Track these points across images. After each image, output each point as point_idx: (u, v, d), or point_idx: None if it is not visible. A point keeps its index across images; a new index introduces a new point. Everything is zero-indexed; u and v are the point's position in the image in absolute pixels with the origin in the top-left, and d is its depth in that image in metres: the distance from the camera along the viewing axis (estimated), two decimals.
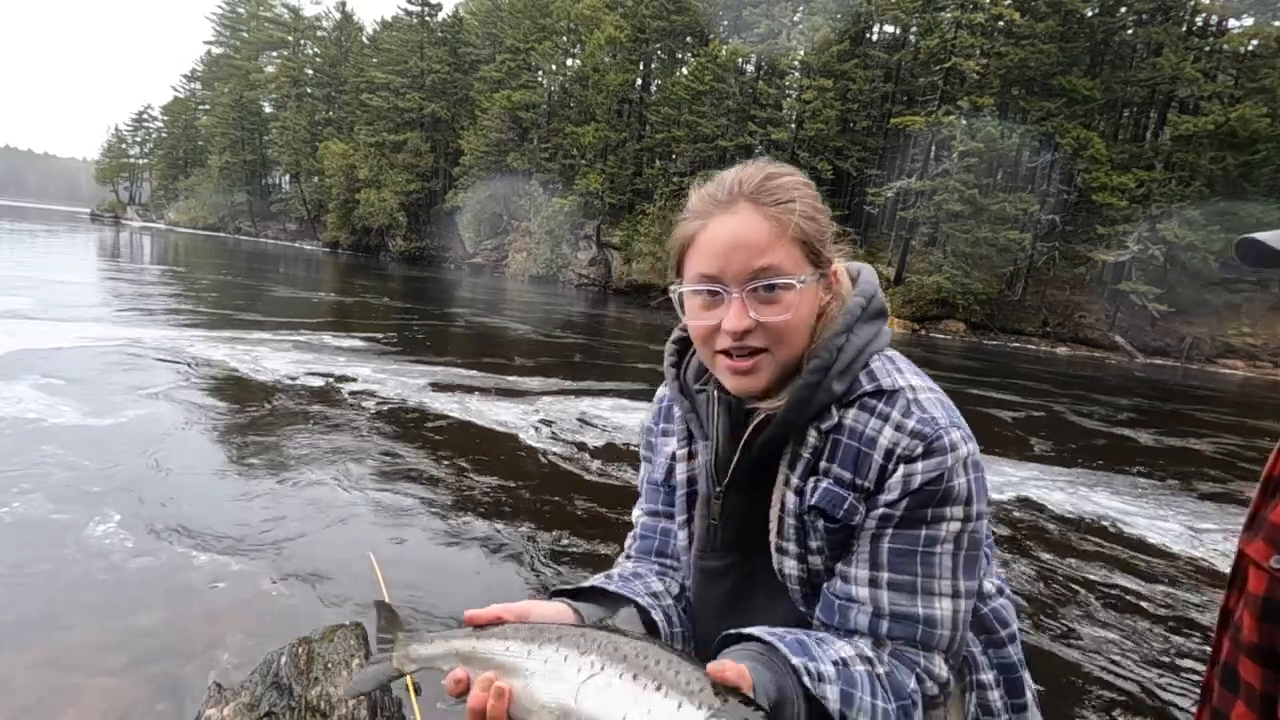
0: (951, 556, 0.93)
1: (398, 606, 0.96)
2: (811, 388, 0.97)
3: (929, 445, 0.92)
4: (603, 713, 0.76)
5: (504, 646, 0.86)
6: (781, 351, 0.98)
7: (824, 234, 1.00)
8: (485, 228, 45.14)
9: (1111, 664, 3.82)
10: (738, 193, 0.97)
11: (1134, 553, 5.62)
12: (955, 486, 0.92)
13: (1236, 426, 12.60)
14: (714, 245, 0.96)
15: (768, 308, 0.95)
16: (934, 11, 31.14)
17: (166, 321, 12.76)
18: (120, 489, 4.93)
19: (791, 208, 0.96)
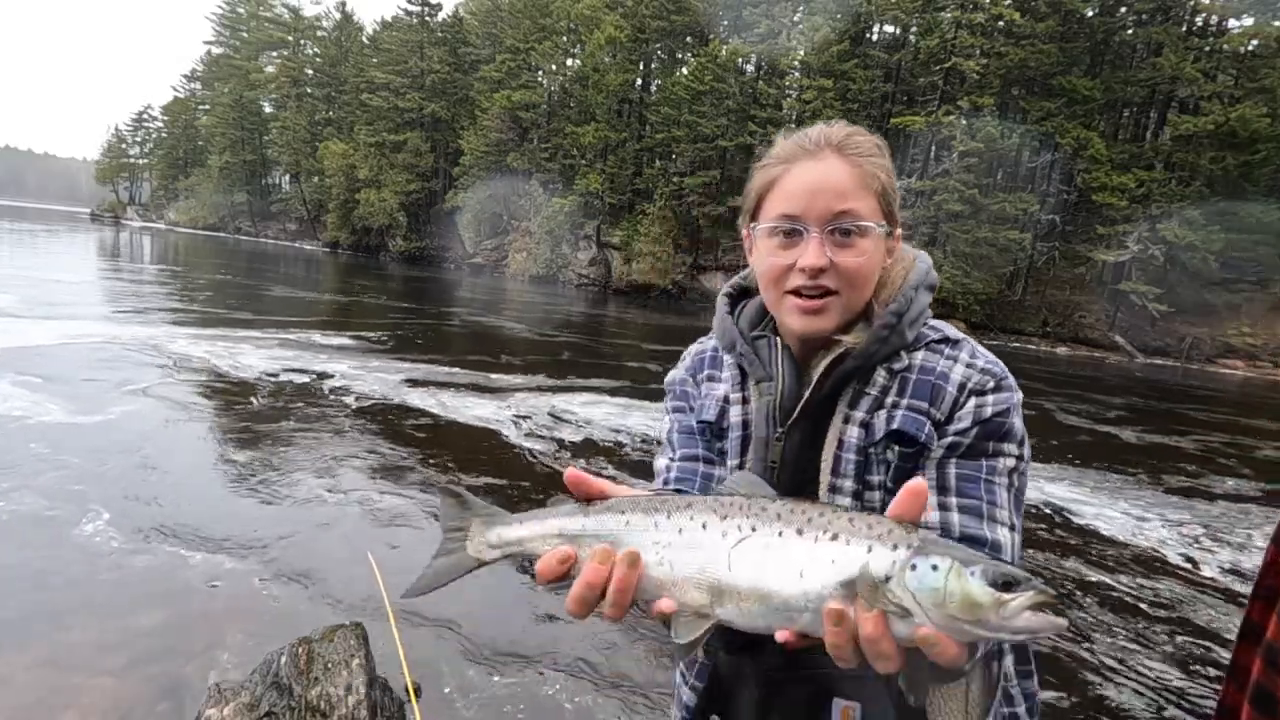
0: (1008, 490, 0.97)
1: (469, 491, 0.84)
2: (890, 328, 1.03)
3: (998, 382, 1.00)
4: (770, 577, 0.66)
5: (623, 520, 0.74)
6: (850, 295, 1.02)
7: (896, 195, 1.07)
8: (485, 228, 45.12)
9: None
10: (824, 143, 1.03)
11: (1084, 539, 5.68)
12: (1015, 425, 0.99)
13: (1225, 425, 12.60)
14: (797, 187, 1.02)
15: (844, 250, 1.00)
16: (934, 11, 31.13)
17: (155, 319, 12.77)
18: (112, 488, 4.93)
19: (875, 162, 1.03)
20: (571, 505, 0.79)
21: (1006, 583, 0.60)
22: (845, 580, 0.63)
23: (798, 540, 0.66)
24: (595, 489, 0.78)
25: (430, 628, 3.60)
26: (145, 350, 9.55)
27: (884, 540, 0.64)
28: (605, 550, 0.71)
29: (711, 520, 0.70)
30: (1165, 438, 10.77)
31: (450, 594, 4.00)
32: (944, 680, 0.69)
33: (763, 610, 0.68)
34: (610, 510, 0.75)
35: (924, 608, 0.60)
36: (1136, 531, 6.07)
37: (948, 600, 0.60)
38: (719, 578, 0.69)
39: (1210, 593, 4.95)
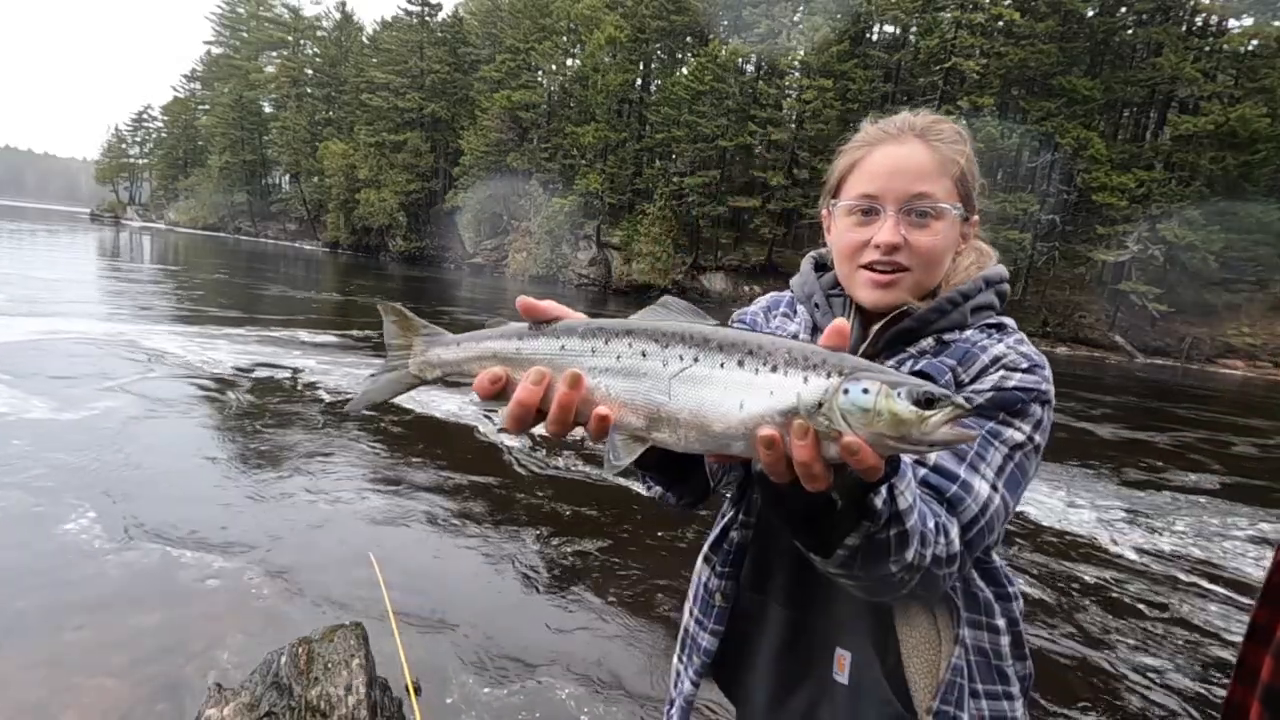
0: (1005, 458, 0.98)
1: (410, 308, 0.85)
2: (954, 302, 1.08)
3: (1032, 365, 1.02)
4: (710, 408, 0.67)
5: (558, 344, 0.74)
6: (921, 273, 1.07)
7: (975, 181, 1.11)
8: (485, 228, 45.12)
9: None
10: (907, 128, 1.09)
11: (1019, 525, 5.67)
12: (1034, 410, 1.00)
13: (1209, 422, 12.61)
14: (878, 168, 1.07)
15: (918, 231, 1.05)
16: (934, 11, 31.14)
17: (137, 317, 12.74)
18: (107, 487, 4.93)
19: (956, 148, 1.08)
20: (512, 327, 0.79)
21: (929, 400, 0.64)
22: (783, 409, 0.66)
23: (739, 372, 0.68)
24: (544, 313, 0.77)
25: (430, 627, 3.60)
26: (121, 346, 9.55)
27: (819, 369, 0.66)
28: (539, 372, 0.71)
29: (652, 349, 0.70)
30: (1144, 434, 10.80)
31: (450, 594, 4.00)
32: (866, 490, 0.74)
33: (700, 438, 0.69)
34: (546, 334, 0.75)
35: (854, 427, 0.64)
36: (1066, 519, 6.09)
37: (876, 419, 0.64)
38: (659, 405, 0.69)
39: (1178, 585, 4.96)
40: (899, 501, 0.79)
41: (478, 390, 0.75)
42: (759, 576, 1.16)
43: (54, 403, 6.71)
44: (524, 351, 0.75)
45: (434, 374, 0.84)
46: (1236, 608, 4.71)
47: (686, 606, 1.28)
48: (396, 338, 0.86)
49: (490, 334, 0.80)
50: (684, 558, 4.72)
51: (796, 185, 33.17)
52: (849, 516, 0.79)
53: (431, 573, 4.22)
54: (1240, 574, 5.35)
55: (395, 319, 0.86)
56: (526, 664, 3.40)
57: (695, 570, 1.27)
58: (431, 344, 0.84)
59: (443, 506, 5.23)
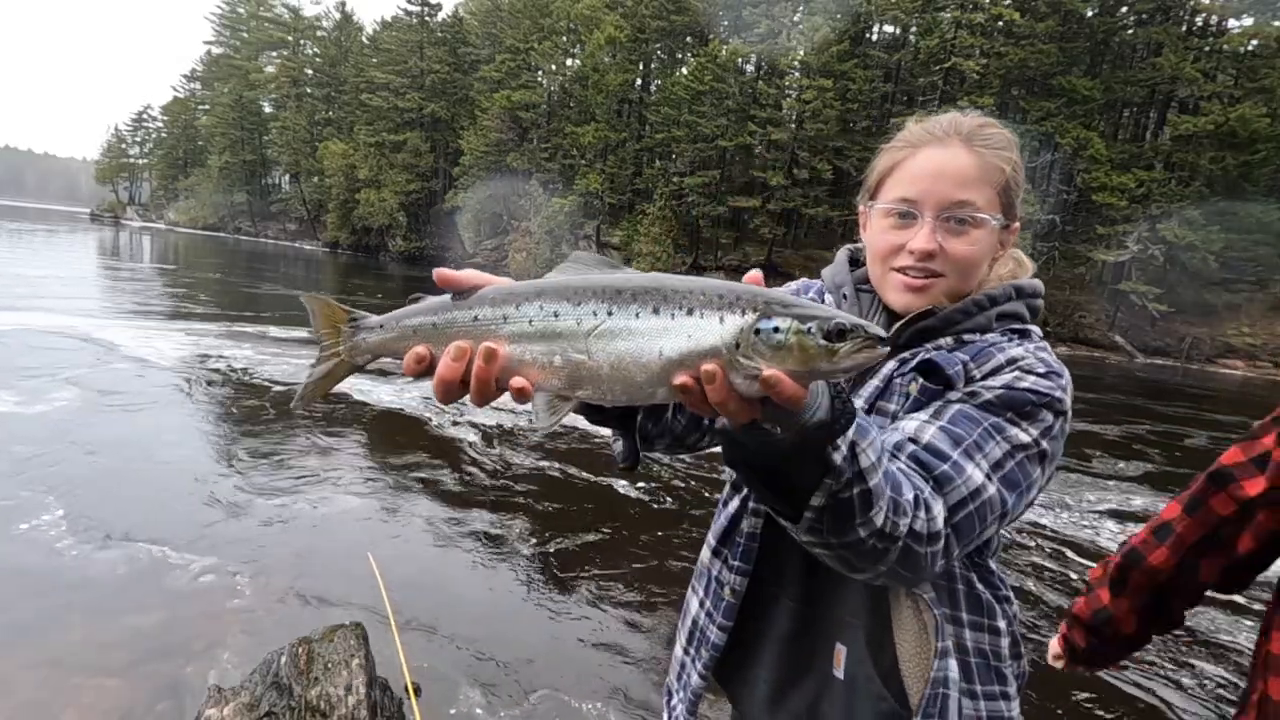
0: (1005, 454, 0.94)
1: (335, 299, 0.86)
2: (980, 305, 1.06)
3: (1049, 371, 0.99)
4: (629, 360, 0.68)
5: (471, 315, 0.74)
6: (955, 280, 1.06)
7: (1019, 189, 1.08)
8: (485, 228, 45.12)
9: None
10: (953, 131, 1.05)
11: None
12: (1044, 416, 0.96)
13: (1192, 420, 12.61)
14: (919, 172, 1.05)
15: (955, 238, 1.03)
16: (934, 11, 31.14)
17: (115, 312, 12.74)
18: (104, 486, 4.93)
19: (1003, 155, 1.05)
20: (431, 302, 0.79)
21: (840, 332, 0.65)
22: (702, 351, 0.66)
23: (654, 320, 0.68)
24: (459, 283, 0.77)
25: (430, 627, 3.60)
26: (97, 344, 9.55)
27: (733, 308, 0.67)
28: (458, 347, 0.71)
29: (564, 308, 0.70)
30: (1119, 429, 10.79)
31: (449, 594, 4.00)
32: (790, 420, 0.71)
33: (625, 390, 0.70)
34: (461, 307, 0.75)
35: (769, 362, 0.65)
36: (1074, 520, 6.09)
37: (787, 356, 0.65)
38: (578, 364, 0.69)
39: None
40: (860, 460, 0.78)
41: (405, 370, 0.76)
42: (772, 570, 1.15)
43: (20, 397, 6.71)
44: (440, 326, 0.76)
45: (364, 358, 0.85)
46: (1229, 606, 4.71)
47: (694, 596, 1.26)
48: (324, 328, 0.87)
49: (410, 312, 0.80)
50: (680, 553, 4.73)
51: (796, 185, 33.16)
52: (811, 470, 0.78)
53: (431, 572, 4.22)
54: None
55: (321, 309, 0.87)
56: (526, 662, 3.40)
57: (702, 559, 1.26)
58: (358, 329, 0.84)
59: (441, 506, 5.23)
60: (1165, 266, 26.81)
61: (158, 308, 14.56)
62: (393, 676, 2.87)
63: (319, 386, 0.87)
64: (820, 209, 33.72)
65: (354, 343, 0.84)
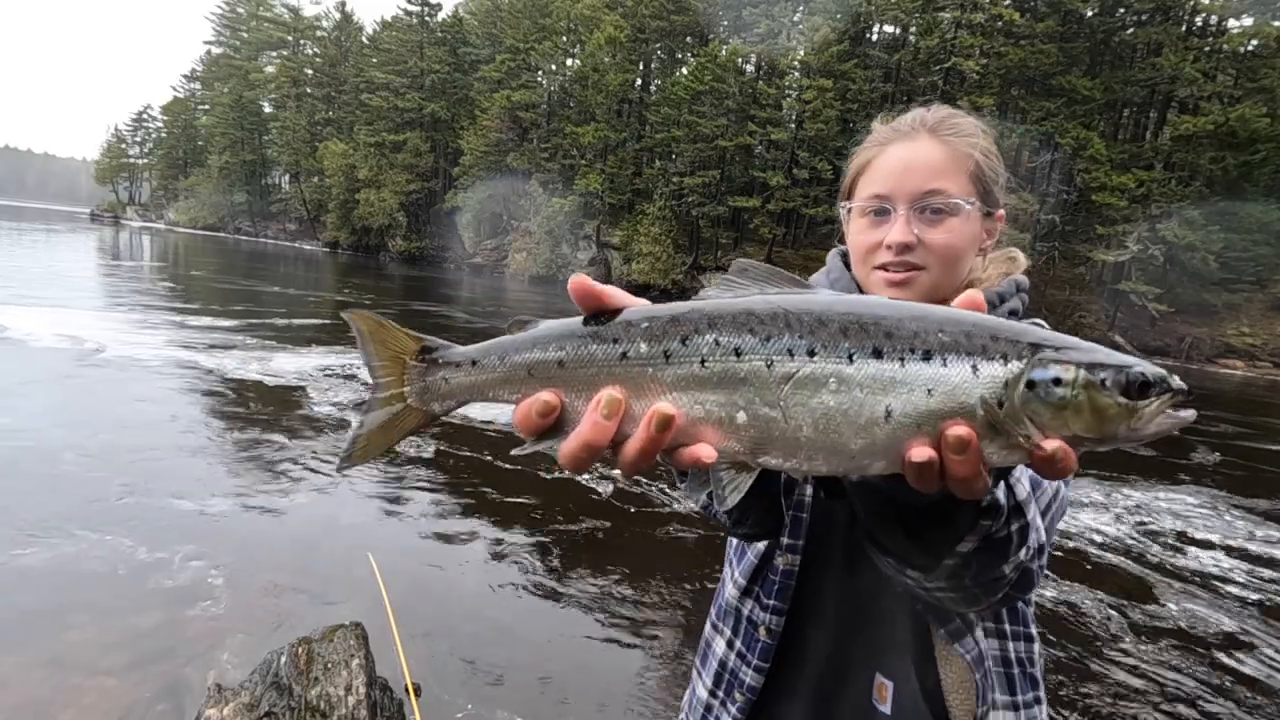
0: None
1: (396, 323, 0.63)
2: (990, 304, 1.02)
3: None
4: (841, 418, 0.52)
5: (618, 351, 0.55)
6: (938, 272, 1.03)
7: (997, 175, 1.07)
8: (485, 228, 45.13)
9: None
10: (919, 125, 1.05)
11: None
12: None
13: (1210, 419, 12.60)
14: (889, 168, 1.04)
15: (931, 229, 1.01)
16: (934, 11, 31.14)
17: (114, 311, 12.75)
18: (104, 485, 4.93)
19: (971, 142, 1.04)
20: (549, 331, 0.59)
21: (1143, 385, 0.52)
22: (949, 413, 0.51)
23: (877, 364, 0.52)
24: (603, 300, 0.57)
25: (431, 628, 3.60)
26: (95, 343, 9.56)
27: (990, 352, 0.52)
28: (613, 400, 0.54)
29: (748, 344, 0.54)
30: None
31: (449, 594, 4.00)
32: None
33: (829, 459, 0.54)
34: (599, 338, 0.56)
35: (1043, 427, 0.51)
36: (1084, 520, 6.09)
37: (1073, 418, 0.51)
38: (769, 423, 0.53)
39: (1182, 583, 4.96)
40: (1017, 490, 0.68)
41: (521, 426, 0.57)
42: (809, 607, 1.08)
43: (17, 396, 6.71)
44: (570, 364, 0.56)
45: (445, 405, 0.63)
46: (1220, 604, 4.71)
47: (719, 636, 1.19)
48: (381, 359, 0.64)
49: (522, 343, 0.59)
50: (681, 553, 4.73)
51: (796, 185, 33.17)
52: (966, 515, 0.65)
53: (431, 573, 4.22)
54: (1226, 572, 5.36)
55: (375, 333, 0.63)
56: (526, 662, 3.40)
57: (727, 598, 1.18)
58: (435, 365, 0.62)
59: (442, 507, 5.23)
60: (1165, 266, 26.82)
61: (156, 306, 14.55)
62: (393, 676, 2.87)
63: (375, 441, 0.64)
64: (820, 209, 33.69)
65: (428, 384, 0.62)
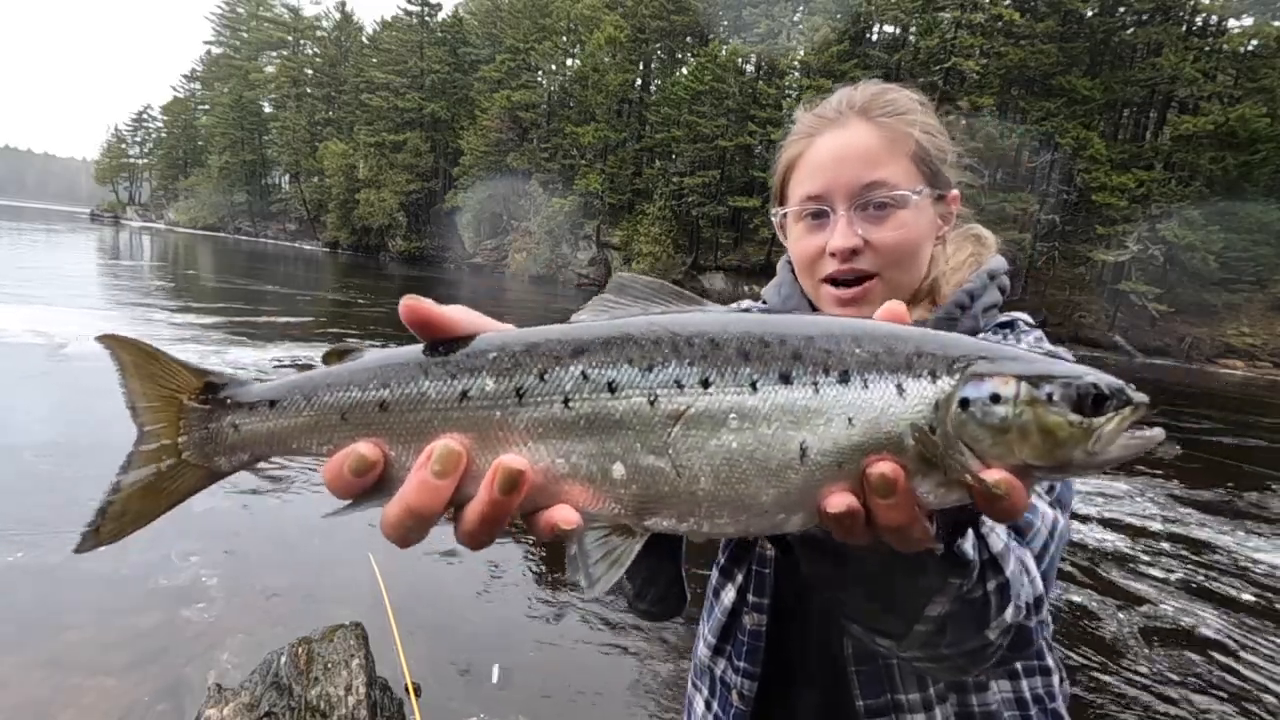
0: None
1: (167, 351, 0.50)
2: (962, 306, 0.92)
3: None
4: (746, 467, 0.40)
5: (457, 389, 0.42)
6: (894, 275, 0.89)
7: (943, 153, 0.93)
8: (485, 228, 45.14)
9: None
10: (847, 107, 0.92)
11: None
12: None
13: (1193, 420, 12.60)
14: (820, 161, 0.90)
15: (878, 226, 0.87)
16: (934, 11, 31.15)
17: (112, 309, 12.75)
18: (97, 484, 4.92)
19: (909, 119, 0.90)
20: (375, 362, 0.45)
21: (1097, 399, 0.42)
22: (873, 446, 0.41)
23: (786, 393, 0.41)
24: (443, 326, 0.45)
25: (430, 628, 3.60)
26: (92, 341, 9.55)
27: (914, 369, 0.42)
28: (450, 453, 0.41)
29: (625, 375, 0.41)
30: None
31: (450, 595, 4.00)
32: (953, 535, 0.52)
33: (735, 518, 0.43)
34: (436, 373, 0.43)
35: (984, 457, 0.41)
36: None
37: (1019, 441, 0.41)
38: (655, 476, 0.41)
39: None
40: (991, 543, 0.58)
41: (331, 484, 0.44)
42: (785, 666, 0.96)
43: (13, 395, 6.71)
44: (396, 405, 0.43)
45: (235, 459, 0.49)
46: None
47: (698, 695, 1.08)
48: (148, 400, 0.49)
49: (336, 377, 0.45)
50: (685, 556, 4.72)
51: None
52: (933, 573, 0.56)
53: (431, 573, 4.22)
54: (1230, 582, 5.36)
55: (138, 364, 0.49)
56: (526, 663, 3.40)
57: (700, 656, 1.07)
58: (221, 407, 0.47)
59: None
60: (1165, 266, 26.83)
61: (140, 304, 14.55)
62: (393, 676, 2.87)
63: (135, 509, 0.51)
64: None
65: (211, 431, 0.47)
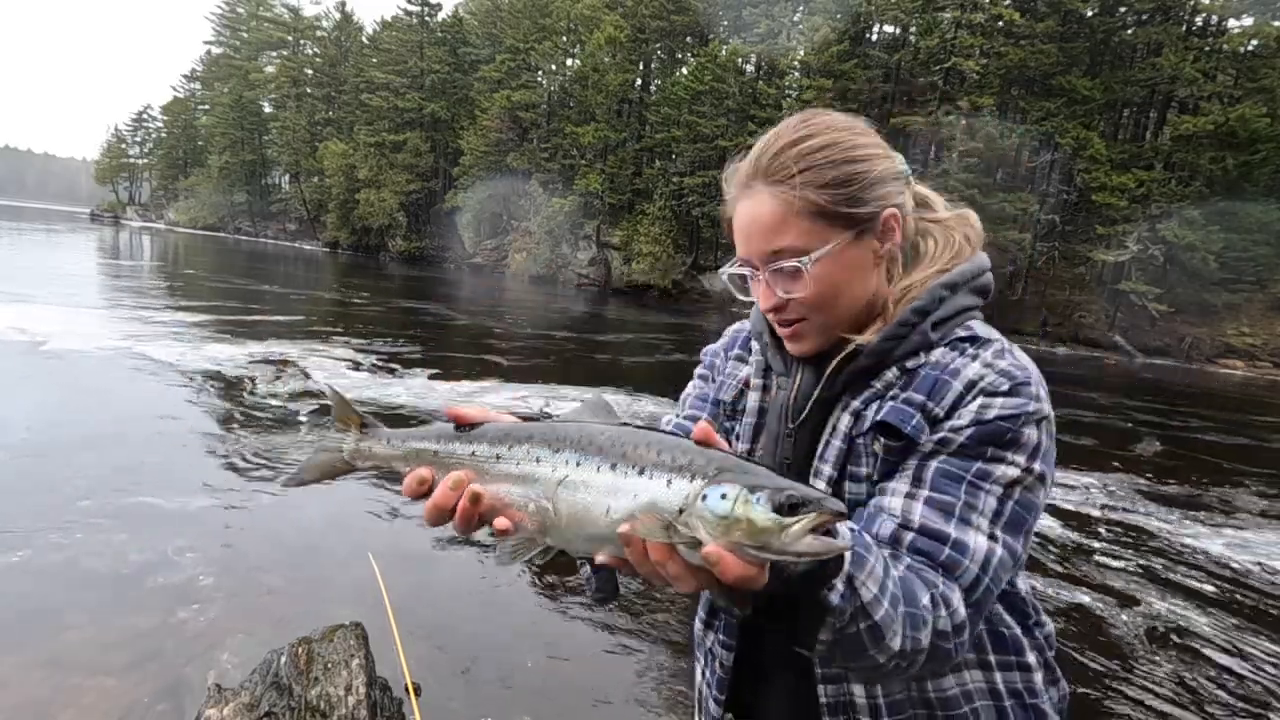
0: (999, 499, 0.87)
1: (353, 402, 0.92)
2: (909, 326, 0.96)
3: (1014, 385, 0.89)
4: (582, 513, 0.71)
5: (470, 450, 0.80)
6: (822, 316, 0.98)
7: (850, 189, 0.95)
8: (485, 228, 45.14)
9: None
10: (755, 173, 1.00)
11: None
12: (1026, 435, 0.88)
13: (1194, 419, 12.61)
14: (738, 228, 1.01)
15: (792, 284, 0.96)
16: (934, 11, 31.14)
17: (112, 307, 12.77)
18: (101, 484, 4.92)
19: (794, 182, 0.94)
20: (436, 429, 0.84)
21: (792, 505, 0.63)
22: (644, 513, 0.67)
23: (610, 476, 0.70)
24: (465, 419, 0.82)
25: (431, 628, 3.60)
26: (91, 339, 9.56)
27: (683, 472, 0.67)
28: (457, 477, 0.76)
29: (544, 454, 0.75)
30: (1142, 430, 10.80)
31: (451, 594, 4.00)
32: (742, 603, 0.73)
33: (581, 542, 0.73)
34: (462, 440, 0.81)
35: (713, 535, 0.63)
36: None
37: (733, 527, 0.63)
38: (544, 512, 0.73)
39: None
40: (861, 593, 0.75)
41: (405, 489, 0.80)
42: (759, 645, 1.10)
43: (10, 394, 6.71)
44: (440, 454, 0.81)
45: (365, 464, 0.89)
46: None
47: (698, 665, 1.24)
48: (339, 421, 0.91)
49: (417, 434, 0.85)
50: None
51: None
52: (810, 611, 0.76)
53: (431, 573, 4.22)
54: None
55: (339, 405, 0.92)
56: (528, 663, 3.40)
57: (696, 630, 1.22)
58: (366, 436, 0.89)
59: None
60: (1165, 266, 26.83)
61: (153, 304, 14.56)
62: (393, 676, 2.87)
63: (313, 474, 0.91)
64: None
65: (358, 448, 0.89)
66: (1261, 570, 5.46)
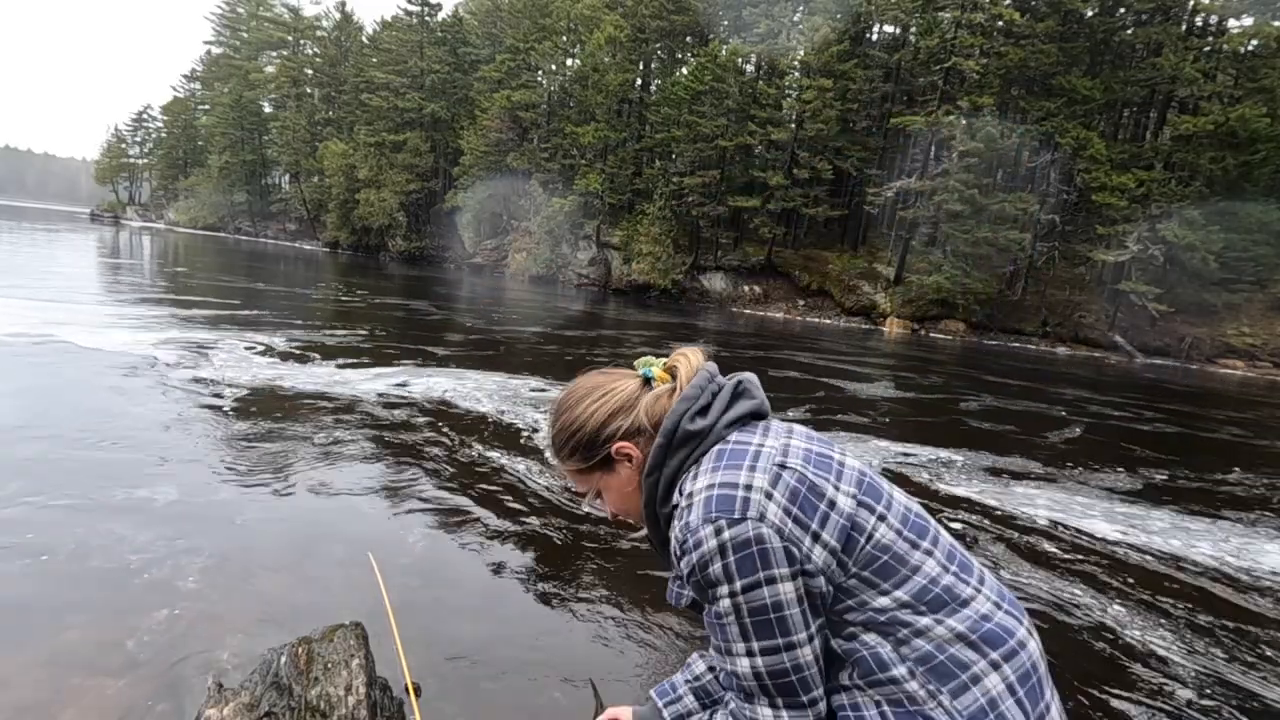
0: (736, 625, 1.09)
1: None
2: (651, 516, 1.28)
3: (683, 546, 1.13)
4: None
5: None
6: (633, 518, 1.36)
7: (582, 450, 1.29)
8: (485, 228, 45.14)
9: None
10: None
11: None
12: (712, 572, 1.09)
13: (1193, 420, 12.60)
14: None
15: (606, 506, 1.38)
16: (934, 11, 31.15)
17: (110, 306, 12.77)
18: (100, 483, 4.92)
19: (559, 443, 1.33)
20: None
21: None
22: None
23: None
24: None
25: (431, 628, 3.60)
26: (90, 338, 9.56)
27: None
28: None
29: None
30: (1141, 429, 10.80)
31: (451, 592, 3.99)
32: None
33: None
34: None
35: None
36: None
37: None
38: None
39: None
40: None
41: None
42: None
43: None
44: None
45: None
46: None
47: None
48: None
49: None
50: None
51: (796, 185, 33.16)
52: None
53: (432, 572, 4.22)
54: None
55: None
56: (528, 663, 3.40)
57: None
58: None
59: (444, 506, 5.22)
60: (1165, 266, 26.83)
61: (152, 304, 14.55)
62: (393, 676, 2.87)
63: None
64: (820, 209, 33.71)
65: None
66: (1263, 571, 5.45)
